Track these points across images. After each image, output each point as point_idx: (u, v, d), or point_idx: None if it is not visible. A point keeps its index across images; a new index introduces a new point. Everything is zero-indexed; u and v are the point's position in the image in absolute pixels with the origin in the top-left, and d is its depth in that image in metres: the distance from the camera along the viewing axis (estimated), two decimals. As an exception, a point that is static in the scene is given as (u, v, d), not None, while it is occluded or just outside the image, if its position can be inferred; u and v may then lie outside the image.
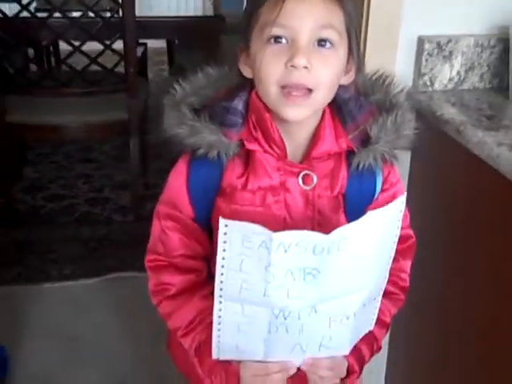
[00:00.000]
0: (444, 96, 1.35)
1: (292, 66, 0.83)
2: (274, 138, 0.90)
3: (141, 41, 3.03)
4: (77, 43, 2.38)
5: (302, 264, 0.80)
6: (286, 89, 0.85)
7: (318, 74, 0.84)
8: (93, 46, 2.37)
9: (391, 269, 0.98)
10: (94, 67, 2.43)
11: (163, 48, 4.46)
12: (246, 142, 0.91)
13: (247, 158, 0.92)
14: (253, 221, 0.82)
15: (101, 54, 2.41)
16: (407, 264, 1.03)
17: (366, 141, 0.91)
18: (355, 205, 0.93)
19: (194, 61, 3.04)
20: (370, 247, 0.84)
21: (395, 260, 0.98)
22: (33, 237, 2.47)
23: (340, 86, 0.92)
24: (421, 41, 1.35)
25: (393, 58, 1.35)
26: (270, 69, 0.85)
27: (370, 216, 0.82)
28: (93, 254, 2.39)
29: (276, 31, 0.84)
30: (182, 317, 0.98)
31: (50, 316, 2.04)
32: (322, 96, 0.87)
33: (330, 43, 0.85)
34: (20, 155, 3.04)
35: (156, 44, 4.03)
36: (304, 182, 0.92)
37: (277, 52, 0.85)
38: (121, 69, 2.45)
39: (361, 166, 0.91)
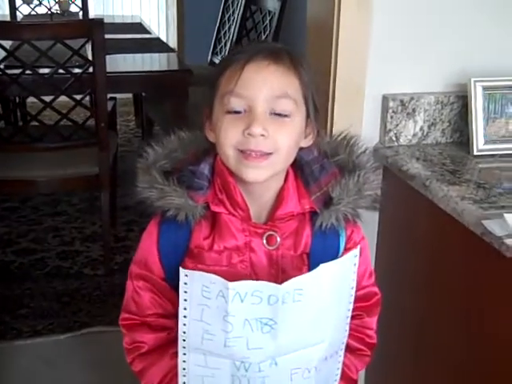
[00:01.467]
0: (409, 151, 1.42)
1: (249, 134, 0.88)
2: (237, 201, 0.94)
3: (110, 95, 3.07)
4: (47, 98, 2.40)
5: (258, 314, 0.84)
6: (244, 152, 0.89)
7: (275, 141, 0.89)
8: (62, 100, 2.39)
9: (357, 326, 1.03)
10: (65, 122, 2.44)
11: (129, 99, 4.52)
12: (211, 205, 0.95)
13: (213, 219, 0.96)
14: None
15: (72, 109, 2.44)
16: (373, 321, 1.06)
17: (328, 201, 0.95)
18: (319, 263, 0.93)
19: (163, 112, 3.09)
20: (325, 299, 0.87)
21: (360, 317, 1.03)
22: (4, 292, 2.45)
23: (302, 149, 0.97)
24: (385, 99, 1.43)
25: (360, 116, 1.43)
26: (229, 135, 0.90)
27: (324, 268, 0.86)
28: (64, 309, 2.37)
29: (234, 102, 0.89)
30: (153, 375, 1.00)
31: (22, 374, 2.01)
32: (281, 159, 0.92)
33: (286, 112, 0.90)
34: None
35: (121, 95, 4.07)
36: (268, 243, 0.95)
37: (235, 120, 0.89)
38: (91, 123, 2.47)
39: (323, 225, 0.95)
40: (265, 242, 0.95)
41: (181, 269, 0.86)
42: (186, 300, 0.86)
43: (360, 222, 1.01)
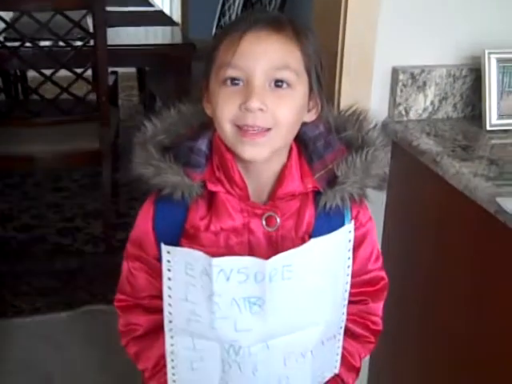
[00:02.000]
0: (419, 125, 1.37)
1: (246, 108, 0.83)
2: (234, 179, 0.89)
3: (111, 69, 3.01)
4: (47, 72, 2.35)
5: (245, 293, 0.80)
6: (241, 127, 0.84)
7: (274, 115, 0.84)
8: (63, 74, 2.34)
9: (361, 311, 0.99)
10: (65, 96, 2.39)
11: (132, 73, 4.45)
12: (208, 183, 0.90)
13: (210, 199, 0.91)
14: None
15: (72, 83, 2.38)
16: (378, 306, 1.01)
17: (333, 180, 0.90)
18: None
19: (165, 88, 3.03)
20: (318, 277, 0.83)
21: (365, 302, 0.99)
22: (4, 269, 2.42)
23: (307, 124, 0.91)
24: (395, 72, 1.37)
25: (368, 89, 1.37)
26: (225, 109, 0.85)
27: (314, 243, 0.82)
28: (65, 286, 2.34)
29: (231, 73, 0.84)
30: (148, 359, 0.97)
31: (23, 351, 1.99)
32: (281, 135, 0.86)
33: (287, 84, 0.85)
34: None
35: (125, 69, 4.02)
36: (267, 224, 0.91)
37: (232, 93, 0.84)
38: (92, 97, 2.42)
39: (327, 206, 0.90)
40: (264, 223, 0.91)
41: (162, 245, 0.82)
42: (169, 279, 0.83)
43: (367, 201, 0.96)
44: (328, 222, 0.92)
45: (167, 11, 4.49)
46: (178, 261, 0.82)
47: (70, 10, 2.29)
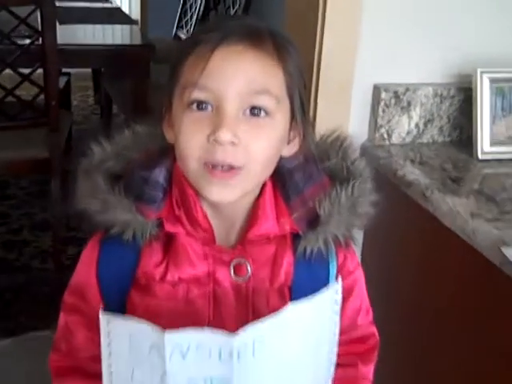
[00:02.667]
0: (402, 151, 1.23)
1: (215, 140, 0.68)
2: (197, 220, 0.74)
3: (64, 70, 2.82)
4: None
5: (207, 372, 0.65)
6: (208, 164, 0.69)
7: (248, 150, 0.69)
8: (8, 75, 2.17)
9: (350, 377, 0.85)
10: (11, 99, 2.20)
11: (88, 72, 4.24)
12: (165, 222, 0.75)
13: (168, 241, 0.76)
14: (173, 320, 0.69)
15: (19, 85, 2.20)
16: (369, 370, 0.87)
17: (314, 220, 0.76)
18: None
19: (122, 91, 2.87)
20: (296, 350, 0.69)
21: (353, 365, 0.85)
22: None
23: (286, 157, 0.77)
24: (377, 89, 1.23)
25: (347, 109, 1.23)
26: (190, 142, 0.70)
27: (292, 309, 0.67)
28: (8, 308, 2.14)
29: (197, 95, 0.69)
30: None
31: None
32: (255, 174, 0.72)
33: (265, 112, 0.70)
34: None
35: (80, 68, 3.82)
36: (236, 273, 0.76)
37: (198, 121, 0.69)
38: (41, 101, 2.24)
39: (308, 251, 0.75)
40: (232, 271, 0.76)
41: (101, 313, 0.68)
42: (110, 354, 0.69)
43: (354, 244, 0.81)
44: (309, 270, 0.78)
45: (125, 9, 4.29)
46: (120, 333, 0.68)
47: (15, 5, 2.13)
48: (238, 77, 0.68)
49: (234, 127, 0.68)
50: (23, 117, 2.23)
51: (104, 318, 0.68)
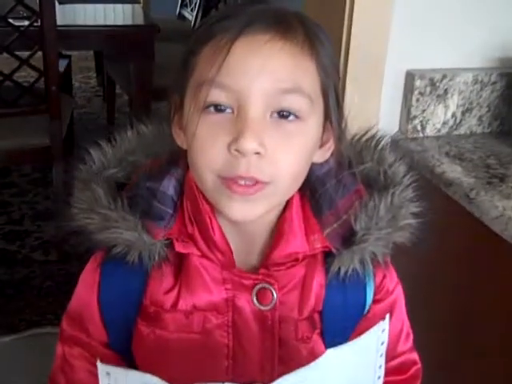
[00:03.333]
0: (437, 144, 1.12)
1: (237, 150, 0.57)
2: (214, 240, 0.64)
3: (65, 53, 2.70)
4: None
5: None
6: (228, 178, 0.59)
7: (275, 162, 0.59)
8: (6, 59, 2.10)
9: None
10: (9, 85, 2.11)
11: (89, 53, 4.12)
12: (176, 243, 0.66)
13: (179, 263, 0.67)
14: (187, 355, 0.63)
15: (17, 69, 2.10)
16: None
17: (349, 236, 0.66)
18: (337, 325, 0.68)
19: (126, 74, 2.75)
20: None
21: None
22: None
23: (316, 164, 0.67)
24: (410, 76, 1.11)
25: (377, 98, 1.11)
26: (207, 152, 0.59)
27: (332, 354, 0.61)
28: (9, 304, 2.05)
29: (215, 95, 0.58)
30: None
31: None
32: (282, 189, 0.62)
33: (295, 115, 0.59)
34: None
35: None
36: (260, 300, 0.66)
37: (216, 126, 0.59)
38: (41, 86, 2.14)
39: (342, 272, 0.66)
40: (255, 298, 0.66)
41: (98, 363, 0.63)
42: None
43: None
44: (343, 294, 0.68)
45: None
46: None
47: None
48: (264, 73, 0.58)
49: (260, 134, 0.57)
50: (22, 103, 2.14)
51: (102, 369, 0.62)
